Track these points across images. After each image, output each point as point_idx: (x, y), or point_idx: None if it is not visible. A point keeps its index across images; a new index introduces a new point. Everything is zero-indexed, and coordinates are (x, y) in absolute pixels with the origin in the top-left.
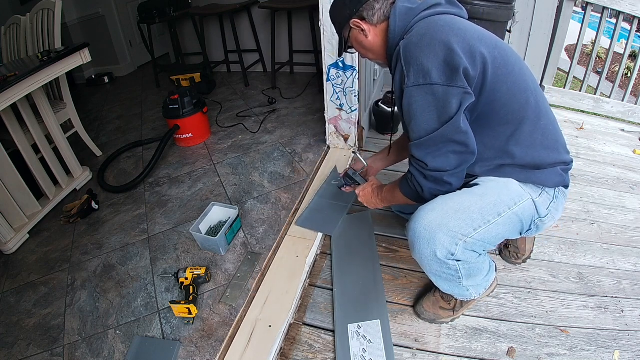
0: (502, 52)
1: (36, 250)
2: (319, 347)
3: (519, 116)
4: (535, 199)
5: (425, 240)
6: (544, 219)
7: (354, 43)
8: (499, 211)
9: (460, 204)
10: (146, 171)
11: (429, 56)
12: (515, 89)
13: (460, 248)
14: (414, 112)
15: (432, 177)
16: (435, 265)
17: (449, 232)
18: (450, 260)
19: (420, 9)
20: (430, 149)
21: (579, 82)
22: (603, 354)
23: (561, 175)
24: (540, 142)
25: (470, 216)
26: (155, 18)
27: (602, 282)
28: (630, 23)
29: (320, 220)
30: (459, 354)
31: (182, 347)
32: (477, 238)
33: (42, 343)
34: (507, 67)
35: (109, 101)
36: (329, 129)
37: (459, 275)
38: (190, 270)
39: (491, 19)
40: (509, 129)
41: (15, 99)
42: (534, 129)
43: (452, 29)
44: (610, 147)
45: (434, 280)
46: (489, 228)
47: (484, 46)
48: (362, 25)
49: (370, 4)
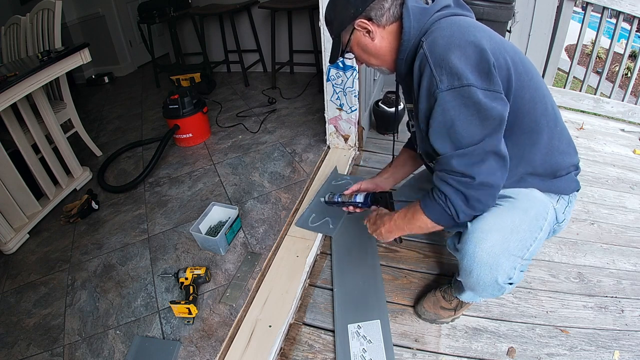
0: (521, 58)
1: (36, 250)
2: (319, 347)
3: (540, 124)
4: (555, 206)
5: (487, 266)
6: (561, 224)
7: (355, 47)
8: (540, 225)
9: (512, 222)
10: (146, 171)
11: (462, 58)
12: (536, 97)
13: (517, 271)
14: (451, 119)
15: (476, 197)
16: (490, 289)
17: (510, 256)
18: (506, 284)
19: (434, 9)
20: (476, 159)
21: (579, 82)
22: (603, 354)
23: (575, 180)
24: (557, 147)
25: (524, 235)
26: (155, 18)
27: (602, 282)
28: (630, 23)
29: (320, 221)
30: (459, 354)
31: (182, 347)
32: (528, 257)
33: (42, 343)
34: (528, 74)
35: (109, 101)
36: (329, 129)
37: (500, 295)
38: (190, 270)
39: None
40: (531, 137)
41: (15, 99)
42: (552, 135)
43: (477, 30)
44: (610, 147)
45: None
46: (535, 244)
47: (507, 51)
48: (369, 27)
49: (379, 3)
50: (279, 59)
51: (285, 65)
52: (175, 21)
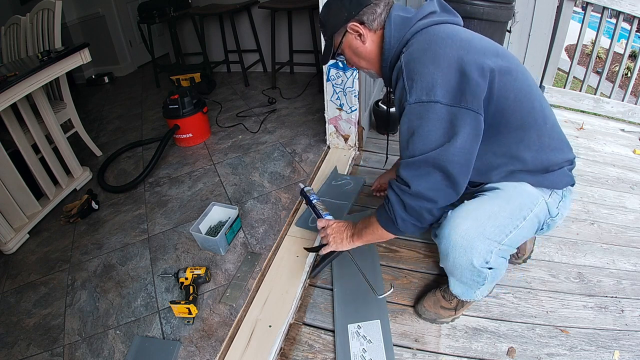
0: (505, 60)
1: (36, 250)
2: (319, 347)
3: (526, 122)
4: (547, 200)
5: (462, 249)
6: (554, 218)
7: (346, 49)
8: (524, 215)
9: (491, 209)
10: (146, 171)
11: (434, 72)
12: (521, 96)
13: (494, 255)
14: (413, 130)
15: (411, 206)
16: (468, 273)
17: (485, 239)
18: (484, 268)
19: (416, 18)
20: (420, 170)
21: (579, 82)
22: (603, 354)
23: (569, 175)
24: (548, 144)
25: (503, 222)
26: (155, 18)
27: (602, 282)
28: (630, 23)
29: None
30: (459, 354)
31: (182, 347)
32: (507, 243)
33: (42, 343)
34: (512, 74)
35: (109, 101)
36: (329, 129)
37: (484, 282)
38: (190, 270)
39: (491, 19)
40: (517, 135)
41: (15, 99)
42: (541, 132)
43: (455, 41)
44: (610, 147)
45: (452, 285)
46: (517, 232)
47: (488, 56)
48: (361, 30)
49: (372, 8)
50: (279, 59)
51: (285, 65)
52: (175, 21)
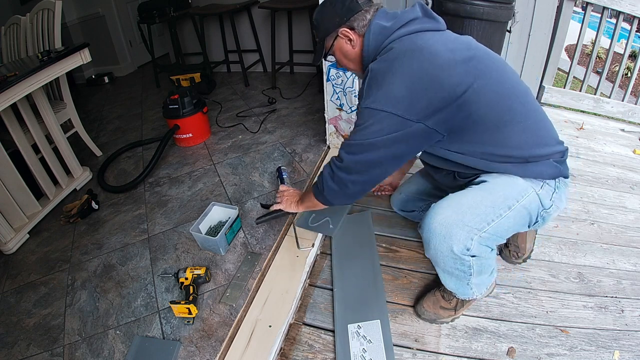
0: (478, 64)
1: (36, 250)
2: (319, 347)
3: (501, 122)
4: (538, 192)
5: (441, 236)
6: (548, 210)
7: (336, 52)
8: (509, 205)
9: (473, 200)
10: (146, 171)
11: (389, 83)
12: (495, 98)
13: (475, 243)
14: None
15: (339, 177)
16: (450, 261)
17: (464, 227)
18: (465, 255)
19: (395, 27)
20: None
21: (579, 82)
22: (603, 354)
23: (555, 166)
24: (528, 140)
25: (484, 210)
26: (155, 18)
27: (602, 282)
28: (630, 23)
29: (320, 221)
30: (459, 354)
31: (182, 347)
32: (490, 232)
33: (42, 343)
34: (484, 79)
35: (109, 101)
36: (329, 129)
37: (471, 272)
38: (190, 270)
39: (491, 19)
40: (492, 135)
41: (15, 99)
42: (520, 130)
43: (423, 54)
44: (610, 147)
45: (442, 278)
46: (501, 221)
47: (454, 67)
48: (351, 35)
49: (362, 15)
50: (279, 59)
51: (285, 65)
52: (175, 21)
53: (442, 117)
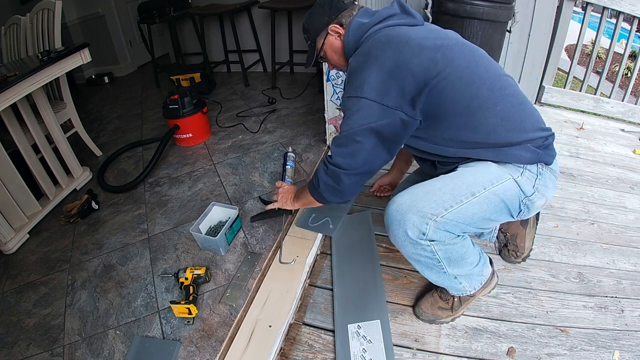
0: (448, 51)
1: (36, 250)
2: (319, 347)
3: (471, 107)
4: (517, 178)
5: (396, 221)
6: (531, 198)
7: (327, 50)
8: (472, 191)
9: (431, 187)
10: (146, 171)
11: (366, 73)
12: (461, 84)
13: (430, 227)
14: (346, 117)
15: (332, 171)
16: (408, 246)
17: (418, 212)
18: (422, 240)
19: (372, 23)
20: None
21: (579, 82)
22: (603, 354)
23: (534, 150)
24: (499, 125)
25: (441, 197)
26: (155, 18)
27: (602, 282)
28: (630, 23)
29: (320, 221)
30: (459, 354)
31: (182, 347)
32: (449, 217)
33: (42, 343)
34: (452, 66)
35: (109, 101)
36: (329, 129)
37: (437, 257)
38: (190, 270)
39: (491, 19)
40: (460, 120)
41: (15, 99)
42: (489, 114)
43: (393, 44)
44: (610, 147)
45: (418, 269)
46: (461, 207)
47: (424, 54)
48: (340, 30)
49: (349, 11)
50: (279, 59)
51: (285, 65)
52: (175, 21)
53: (417, 103)
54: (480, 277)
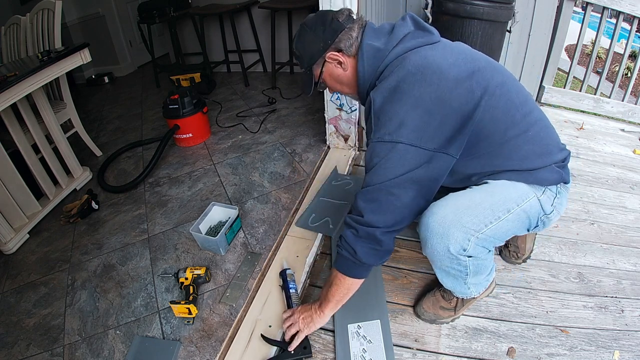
0: (481, 78)
1: (36, 250)
2: (319, 347)
3: (507, 136)
4: (540, 197)
5: (438, 235)
6: (549, 215)
7: (327, 78)
8: (508, 208)
9: (471, 201)
10: (146, 171)
11: (398, 112)
12: (499, 114)
13: (472, 244)
14: (374, 164)
15: (365, 232)
16: (446, 261)
17: (462, 227)
18: (462, 255)
19: (389, 47)
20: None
21: (579, 82)
22: (603, 354)
23: (558, 172)
24: (530, 151)
25: (482, 212)
26: (155, 18)
27: (602, 282)
28: (630, 23)
29: (320, 221)
30: (459, 354)
31: (182, 347)
32: (488, 234)
33: (42, 343)
34: (488, 94)
35: (109, 101)
36: (329, 129)
37: (467, 271)
38: (190, 270)
39: (491, 19)
40: (495, 150)
41: (15, 99)
42: (522, 142)
43: (425, 75)
44: (610, 147)
45: (439, 276)
46: (499, 224)
47: (460, 85)
48: (340, 58)
49: (347, 33)
50: (279, 59)
51: (285, 65)
52: (175, 21)
53: (459, 140)
54: (486, 283)
